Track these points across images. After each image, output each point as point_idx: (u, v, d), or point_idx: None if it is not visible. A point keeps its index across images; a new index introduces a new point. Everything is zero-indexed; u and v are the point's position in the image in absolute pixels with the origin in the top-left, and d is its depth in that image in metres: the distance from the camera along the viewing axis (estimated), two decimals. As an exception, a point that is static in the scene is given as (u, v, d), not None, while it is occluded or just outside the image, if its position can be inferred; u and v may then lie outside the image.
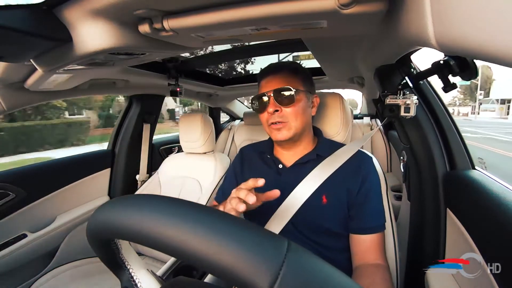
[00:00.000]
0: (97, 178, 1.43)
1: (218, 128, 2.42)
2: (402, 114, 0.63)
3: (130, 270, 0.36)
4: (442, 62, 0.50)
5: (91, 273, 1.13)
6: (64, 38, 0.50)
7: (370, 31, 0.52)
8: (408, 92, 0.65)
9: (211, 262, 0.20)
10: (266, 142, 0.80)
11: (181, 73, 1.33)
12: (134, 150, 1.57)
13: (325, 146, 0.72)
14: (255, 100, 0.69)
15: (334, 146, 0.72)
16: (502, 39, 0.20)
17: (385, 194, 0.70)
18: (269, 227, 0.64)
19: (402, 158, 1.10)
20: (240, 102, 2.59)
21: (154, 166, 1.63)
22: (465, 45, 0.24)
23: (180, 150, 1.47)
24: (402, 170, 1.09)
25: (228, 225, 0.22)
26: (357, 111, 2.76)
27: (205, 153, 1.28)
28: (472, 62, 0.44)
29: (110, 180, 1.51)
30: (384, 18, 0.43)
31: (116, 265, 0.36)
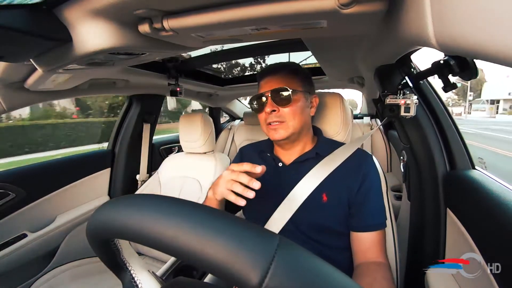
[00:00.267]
0: (97, 178, 1.43)
1: (218, 128, 2.42)
2: (402, 114, 0.63)
3: (131, 272, 0.36)
4: (442, 62, 0.50)
5: (91, 273, 1.13)
6: (64, 38, 0.50)
7: (370, 31, 0.52)
8: (408, 92, 0.65)
9: (203, 259, 0.21)
10: (266, 141, 0.80)
11: (181, 73, 1.33)
12: (134, 150, 1.57)
13: (324, 145, 0.72)
14: (254, 100, 0.70)
15: (334, 145, 0.72)
16: (502, 39, 0.20)
17: (385, 194, 0.70)
18: (269, 226, 0.64)
19: (402, 158, 1.10)
20: (240, 102, 2.59)
21: (154, 166, 1.63)
22: (465, 45, 0.24)
23: (180, 150, 1.47)
24: (402, 170, 1.09)
25: (219, 221, 0.22)
26: (357, 111, 2.76)
27: (205, 153, 1.29)
28: (472, 62, 0.44)
29: (110, 180, 1.51)
30: (384, 18, 0.43)
31: (116, 265, 0.36)
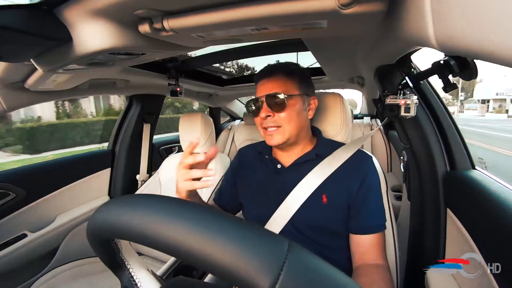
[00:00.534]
0: (97, 178, 1.43)
1: (218, 128, 2.42)
2: (402, 114, 0.63)
3: (130, 270, 0.36)
4: (442, 62, 0.50)
5: (91, 273, 1.13)
6: (64, 38, 0.50)
7: (370, 31, 0.52)
8: (408, 92, 0.65)
9: (212, 263, 0.20)
10: (265, 143, 0.80)
11: (181, 73, 1.33)
12: (134, 150, 1.57)
13: (324, 146, 0.71)
14: (250, 104, 0.70)
15: (333, 145, 0.71)
16: (502, 39, 0.20)
17: (385, 194, 0.70)
18: (268, 227, 0.64)
19: (402, 158, 1.10)
20: (240, 102, 2.59)
21: (154, 166, 1.63)
22: (465, 45, 0.24)
23: (180, 150, 1.47)
24: (402, 170, 1.09)
25: (229, 225, 0.22)
26: (357, 111, 2.76)
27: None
28: (472, 62, 0.44)
29: (110, 180, 1.51)
30: (384, 18, 0.43)
31: (116, 265, 0.36)
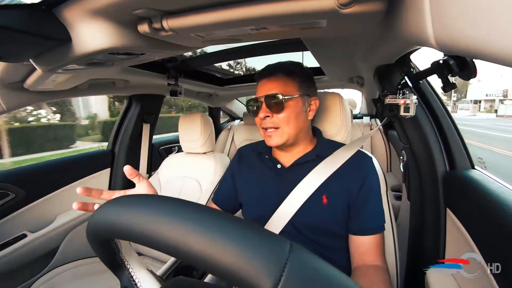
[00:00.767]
0: (97, 178, 1.43)
1: (218, 128, 2.42)
2: (402, 113, 0.63)
3: (130, 270, 0.36)
4: (441, 61, 0.50)
5: (91, 273, 1.13)
6: (63, 38, 0.50)
7: (369, 31, 0.52)
8: (407, 91, 0.65)
9: (213, 263, 0.20)
10: (265, 142, 0.79)
11: (180, 73, 1.33)
12: (134, 150, 1.57)
13: (324, 147, 0.71)
14: (249, 103, 0.70)
15: (333, 146, 0.71)
16: (501, 39, 0.20)
17: (384, 195, 0.70)
18: (268, 228, 0.64)
19: (402, 158, 1.10)
20: (240, 102, 2.59)
21: (154, 166, 1.63)
22: (464, 44, 0.24)
23: (180, 150, 1.47)
24: (402, 170, 1.09)
25: (230, 226, 0.22)
26: (356, 111, 2.76)
27: (205, 153, 1.29)
28: (471, 61, 0.44)
29: (110, 180, 1.51)
30: (383, 17, 0.43)
31: (116, 265, 0.36)
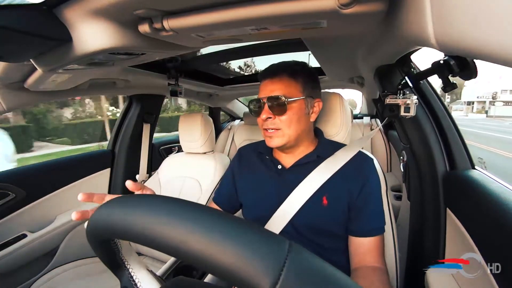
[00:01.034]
0: (97, 178, 1.43)
1: (218, 128, 2.42)
2: (402, 114, 0.63)
3: (130, 270, 0.36)
4: (442, 62, 0.50)
5: (91, 273, 1.13)
6: (64, 38, 0.50)
7: (370, 31, 0.52)
8: (408, 92, 0.65)
9: (212, 263, 0.20)
10: (265, 142, 0.79)
11: (181, 73, 1.33)
12: (134, 150, 1.57)
13: (325, 147, 0.71)
14: (251, 104, 0.69)
15: (334, 146, 0.71)
16: (502, 39, 0.20)
17: (384, 195, 0.70)
18: (268, 228, 0.64)
19: (402, 158, 1.10)
20: (240, 102, 2.59)
21: (154, 166, 1.63)
22: (465, 45, 0.24)
23: (180, 150, 1.47)
24: (402, 170, 1.09)
25: (230, 225, 0.22)
26: (356, 111, 2.76)
27: (205, 153, 1.29)
28: (472, 62, 0.44)
29: (110, 180, 1.51)
30: (384, 18, 0.43)
31: (116, 265, 0.36)
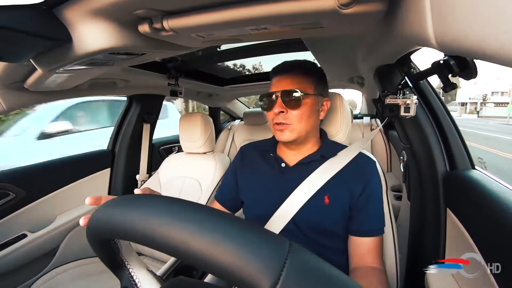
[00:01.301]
0: (97, 178, 1.43)
1: (218, 128, 2.42)
2: (402, 114, 0.63)
3: (130, 270, 0.36)
4: (442, 62, 0.50)
5: (91, 273, 1.13)
6: (64, 38, 0.50)
7: (370, 31, 0.52)
8: (408, 92, 0.65)
9: (212, 263, 0.20)
10: (269, 140, 0.79)
11: (181, 73, 1.33)
12: (134, 150, 1.57)
13: (329, 147, 0.72)
14: (264, 97, 0.69)
15: (338, 147, 0.72)
16: (502, 39, 0.20)
17: (385, 196, 0.70)
18: (269, 226, 0.64)
19: (402, 158, 1.10)
20: (240, 102, 2.59)
21: (154, 166, 1.63)
22: (465, 45, 0.24)
23: (180, 150, 1.47)
24: (402, 170, 1.09)
25: (230, 225, 0.22)
26: (356, 111, 2.77)
27: (205, 153, 1.29)
28: (472, 62, 0.44)
29: (110, 180, 1.51)
30: (384, 18, 0.43)
31: (116, 265, 0.36)
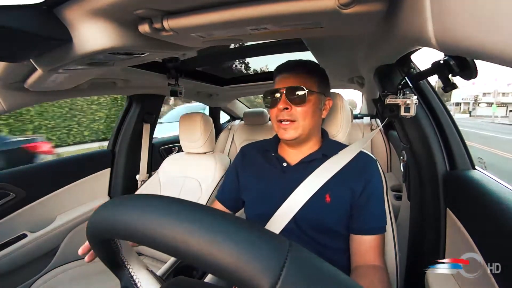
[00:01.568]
0: (97, 178, 1.43)
1: (218, 128, 2.42)
2: (402, 114, 0.63)
3: (130, 270, 0.36)
4: (442, 62, 0.50)
5: (91, 273, 1.13)
6: (64, 38, 0.50)
7: (370, 31, 0.52)
8: (408, 92, 0.65)
9: (212, 263, 0.20)
10: (270, 140, 0.80)
11: (181, 73, 1.33)
12: (134, 150, 1.57)
13: (330, 146, 0.72)
14: (268, 94, 0.69)
15: (339, 146, 0.72)
16: (502, 39, 0.20)
17: (385, 194, 0.71)
18: (271, 225, 0.64)
19: (402, 158, 1.10)
20: (240, 102, 2.59)
21: (154, 166, 1.63)
22: (465, 45, 0.24)
23: (180, 150, 1.47)
24: (402, 170, 1.09)
25: (229, 225, 0.22)
26: (356, 111, 2.77)
27: (205, 153, 1.29)
28: (472, 61, 0.43)
29: (110, 180, 1.51)
30: (384, 18, 0.43)
31: (116, 265, 0.36)
